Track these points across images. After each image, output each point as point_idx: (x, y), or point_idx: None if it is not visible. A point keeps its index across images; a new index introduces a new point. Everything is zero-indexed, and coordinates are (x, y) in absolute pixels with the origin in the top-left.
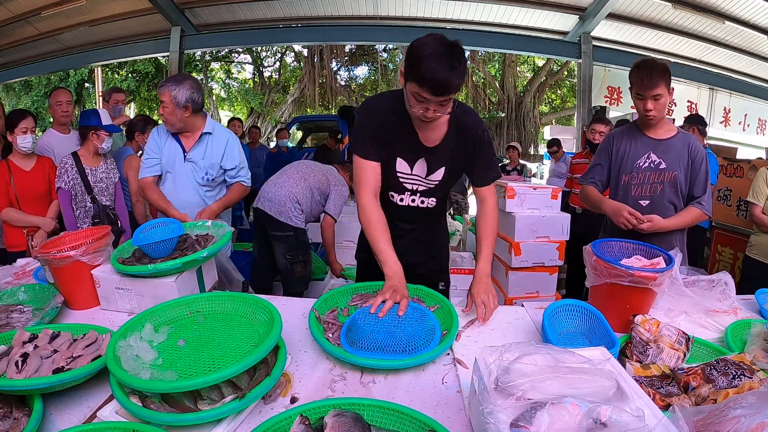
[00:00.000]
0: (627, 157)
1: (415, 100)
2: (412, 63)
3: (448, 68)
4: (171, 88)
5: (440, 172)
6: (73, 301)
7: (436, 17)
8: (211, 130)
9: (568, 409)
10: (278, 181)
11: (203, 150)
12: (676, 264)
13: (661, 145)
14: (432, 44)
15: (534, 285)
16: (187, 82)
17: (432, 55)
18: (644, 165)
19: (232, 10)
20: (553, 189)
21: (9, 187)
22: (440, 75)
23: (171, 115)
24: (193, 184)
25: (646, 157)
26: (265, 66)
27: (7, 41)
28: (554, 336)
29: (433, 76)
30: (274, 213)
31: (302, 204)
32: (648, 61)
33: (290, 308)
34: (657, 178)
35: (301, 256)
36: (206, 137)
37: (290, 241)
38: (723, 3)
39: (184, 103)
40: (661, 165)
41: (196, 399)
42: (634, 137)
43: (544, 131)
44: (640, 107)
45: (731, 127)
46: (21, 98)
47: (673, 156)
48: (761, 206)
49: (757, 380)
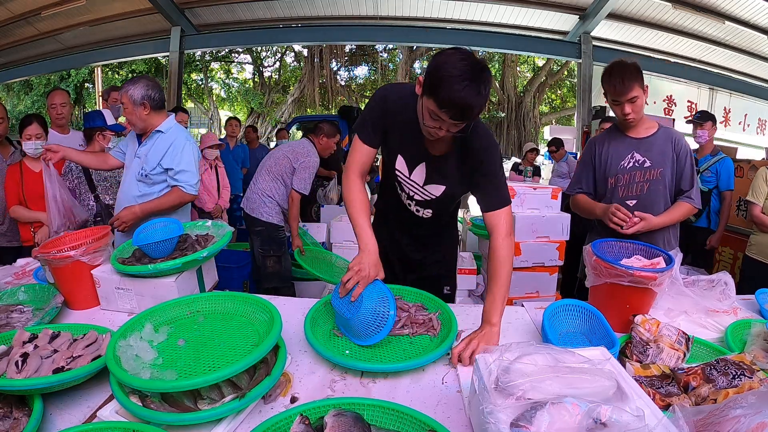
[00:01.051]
0: (610, 160)
1: (429, 117)
2: (434, 81)
3: (474, 94)
4: (127, 89)
5: (440, 188)
6: (73, 301)
7: (436, 17)
8: (163, 130)
9: (568, 408)
10: (253, 181)
11: (150, 147)
12: (676, 264)
13: (643, 144)
14: (459, 64)
15: (534, 285)
16: (142, 81)
17: (458, 77)
18: (629, 165)
19: (232, 10)
20: (553, 189)
21: (19, 188)
22: (464, 101)
23: (131, 114)
24: (132, 177)
25: (630, 157)
26: (265, 66)
27: (7, 41)
28: (554, 336)
29: (456, 101)
30: (248, 210)
31: (275, 197)
32: (618, 66)
33: (290, 308)
34: (643, 176)
35: (273, 251)
36: (156, 135)
37: (262, 235)
38: (723, 3)
39: (140, 101)
40: (646, 163)
41: (196, 399)
42: (616, 139)
43: (544, 131)
44: (618, 112)
45: (731, 127)
46: (21, 98)
47: (657, 153)
48: (761, 206)
49: (757, 380)
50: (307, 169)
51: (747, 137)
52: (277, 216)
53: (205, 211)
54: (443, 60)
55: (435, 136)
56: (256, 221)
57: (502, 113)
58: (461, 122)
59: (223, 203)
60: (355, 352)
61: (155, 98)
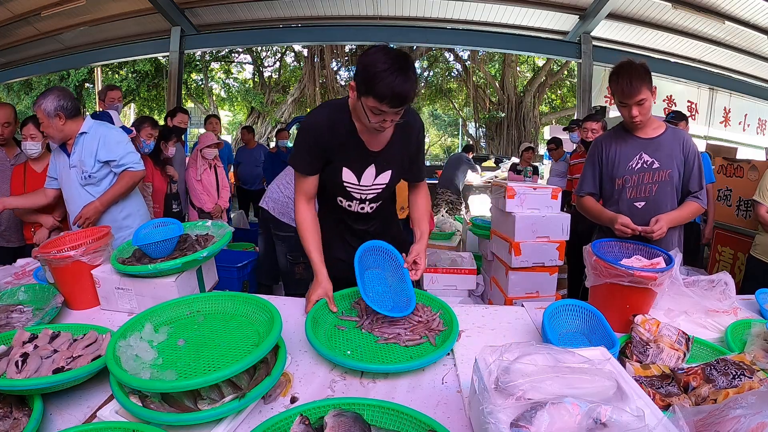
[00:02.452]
0: (618, 161)
1: (372, 114)
2: (368, 79)
3: (404, 80)
4: (40, 103)
5: (387, 174)
6: (73, 301)
7: (436, 17)
8: (86, 130)
9: (568, 409)
10: (282, 182)
11: (80, 151)
12: (676, 264)
13: (651, 144)
14: (383, 58)
15: (534, 285)
16: (53, 92)
17: (387, 70)
18: (637, 166)
19: (232, 10)
20: (553, 189)
21: (23, 188)
22: (399, 89)
23: (48, 128)
24: (78, 187)
25: (638, 157)
26: (265, 66)
27: (7, 41)
28: (554, 336)
29: (393, 91)
30: (276, 213)
31: None
32: (625, 67)
33: (290, 308)
34: (651, 178)
35: (303, 258)
36: (81, 138)
37: (291, 241)
38: (723, 3)
39: (54, 113)
40: (655, 164)
41: (196, 399)
42: (623, 139)
43: (544, 131)
44: (625, 114)
45: (731, 127)
46: (21, 98)
47: (666, 154)
48: (767, 206)
49: (757, 380)
50: None
51: (747, 137)
52: None
53: (205, 211)
54: (368, 60)
55: (382, 130)
56: (287, 226)
57: (502, 113)
58: (401, 109)
59: (223, 203)
60: (356, 352)
61: (68, 107)
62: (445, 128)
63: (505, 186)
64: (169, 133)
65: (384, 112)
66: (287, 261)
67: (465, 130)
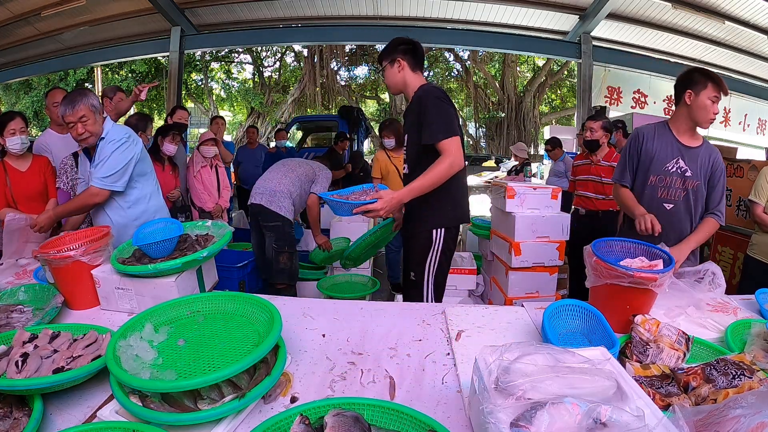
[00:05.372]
0: (656, 158)
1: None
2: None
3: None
4: (83, 100)
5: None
6: (73, 301)
7: (436, 17)
8: (104, 136)
9: (568, 409)
10: (268, 176)
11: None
12: (676, 264)
13: (689, 153)
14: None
15: (534, 285)
16: (87, 89)
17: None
18: (672, 169)
19: (232, 10)
20: (553, 189)
21: (6, 188)
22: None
23: (94, 125)
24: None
25: (675, 161)
26: (265, 66)
27: (7, 41)
28: (554, 336)
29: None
30: (264, 202)
31: (291, 193)
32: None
33: (290, 308)
34: (682, 184)
35: (287, 247)
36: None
37: (278, 230)
38: (723, 3)
39: (99, 107)
40: (687, 172)
41: (196, 399)
42: (665, 139)
43: (544, 131)
44: (711, 109)
45: (731, 127)
46: (21, 98)
47: (698, 166)
48: (763, 205)
49: (757, 380)
50: (328, 180)
51: (747, 137)
52: (292, 214)
53: (205, 211)
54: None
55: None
56: (275, 215)
57: (502, 113)
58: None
59: (223, 203)
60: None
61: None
62: None
63: (505, 186)
64: (168, 129)
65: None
66: (272, 250)
67: (465, 130)
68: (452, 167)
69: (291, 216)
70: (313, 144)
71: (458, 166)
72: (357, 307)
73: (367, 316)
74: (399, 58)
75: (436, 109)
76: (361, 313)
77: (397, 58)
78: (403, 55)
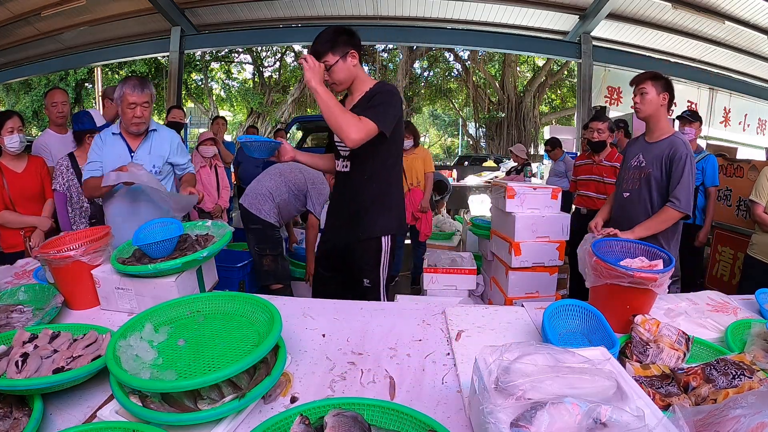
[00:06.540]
0: (626, 158)
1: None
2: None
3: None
4: (151, 87)
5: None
6: (73, 301)
7: (436, 17)
8: (155, 128)
9: (568, 409)
10: (259, 179)
11: (149, 147)
12: (676, 265)
13: (649, 147)
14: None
15: (534, 285)
16: (137, 76)
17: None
18: (634, 164)
19: (232, 10)
20: (553, 189)
21: (2, 190)
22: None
23: (149, 113)
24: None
25: (637, 158)
26: (265, 66)
27: (7, 41)
28: (554, 336)
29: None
30: (248, 205)
31: (276, 198)
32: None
33: (290, 308)
34: (638, 175)
35: (269, 250)
36: (152, 134)
37: (258, 233)
38: (723, 3)
39: (154, 95)
40: (642, 164)
41: (196, 399)
42: (638, 142)
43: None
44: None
45: (731, 127)
46: (21, 98)
47: (653, 156)
48: (763, 205)
49: (757, 380)
50: (322, 196)
51: (747, 137)
52: (274, 217)
53: (205, 211)
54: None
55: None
56: (254, 218)
57: (502, 113)
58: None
59: (223, 203)
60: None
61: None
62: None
63: (505, 186)
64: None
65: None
66: (255, 253)
67: (465, 130)
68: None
69: (273, 219)
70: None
71: (356, 134)
72: (357, 307)
73: (367, 316)
74: (352, 51)
75: (390, 99)
76: (361, 313)
77: (350, 51)
78: (353, 47)
